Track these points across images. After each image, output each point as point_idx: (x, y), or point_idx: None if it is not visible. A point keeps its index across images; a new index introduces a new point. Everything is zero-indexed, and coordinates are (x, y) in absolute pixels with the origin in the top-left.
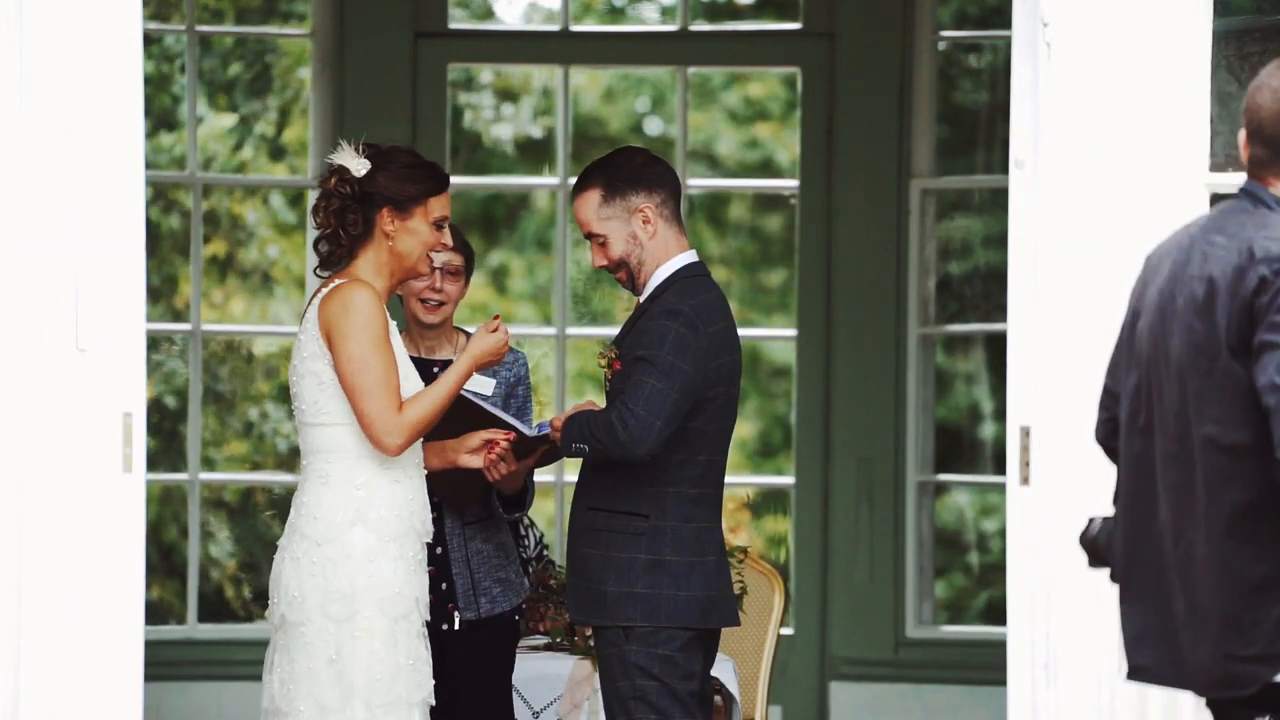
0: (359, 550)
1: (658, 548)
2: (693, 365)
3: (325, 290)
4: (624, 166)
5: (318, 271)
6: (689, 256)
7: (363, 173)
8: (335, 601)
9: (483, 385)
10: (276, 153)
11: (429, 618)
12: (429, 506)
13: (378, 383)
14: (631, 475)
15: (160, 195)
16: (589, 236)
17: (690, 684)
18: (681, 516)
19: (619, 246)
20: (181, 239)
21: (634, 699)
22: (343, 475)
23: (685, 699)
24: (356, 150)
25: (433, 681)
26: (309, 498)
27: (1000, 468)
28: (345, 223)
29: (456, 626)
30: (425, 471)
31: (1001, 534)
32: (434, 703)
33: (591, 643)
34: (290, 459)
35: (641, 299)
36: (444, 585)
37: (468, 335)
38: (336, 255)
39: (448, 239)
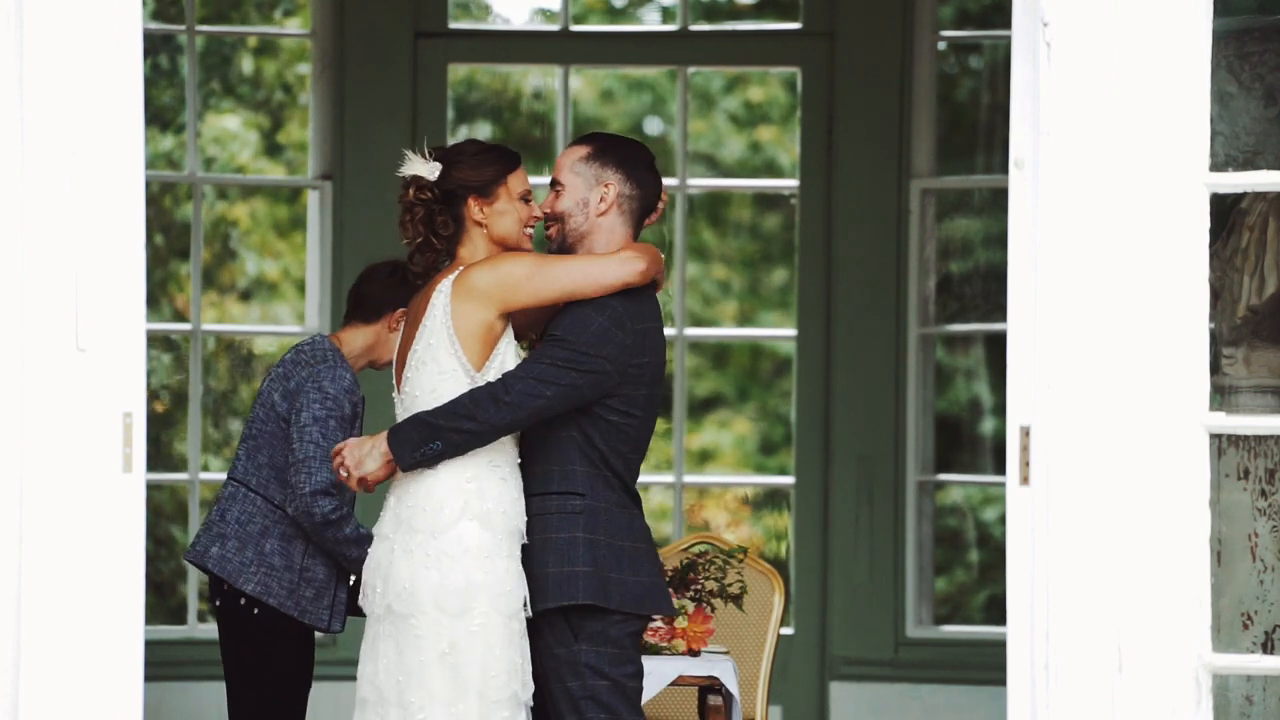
0: (475, 545)
1: (594, 527)
2: (611, 360)
3: (450, 278)
4: (621, 148)
5: (420, 282)
6: None
7: (436, 175)
8: (450, 595)
9: None
10: (273, 150)
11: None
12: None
13: (569, 262)
14: (565, 458)
15: (150, 203)
16: (553, 184)
17: (636, 681)
18: (615, 502)
19: (568, 202)
20: (163, 250)
21: (585, 699)
22: (450, 468)
23: (632, 696)
24: (423, 156)
25: (533, 684)
26: (417, 488)
27: (1000, 462)
28: (436, 227)
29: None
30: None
31: (1002, 520)
32: (532, 703)
33: None
34: None
35: None
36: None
37: None
38: (436, 260)
39: (538, 211)
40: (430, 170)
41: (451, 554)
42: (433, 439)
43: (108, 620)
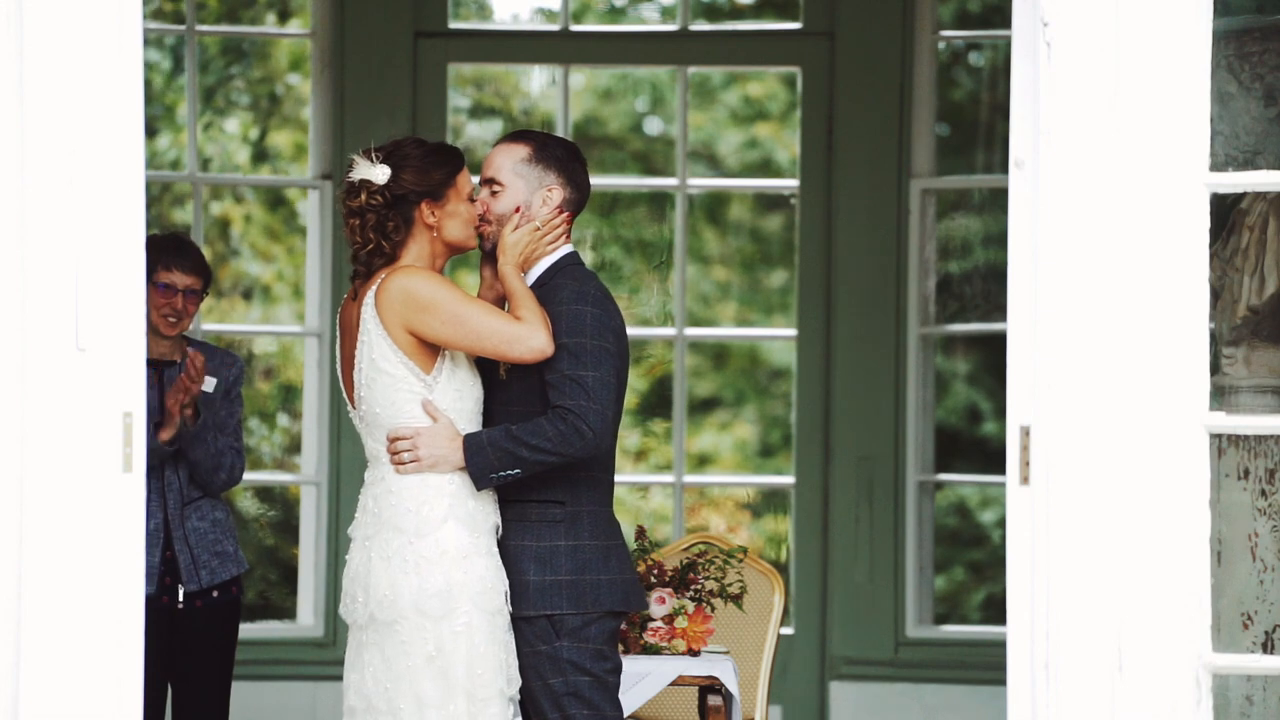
0: (453, 546)
1: (577, 533)
2: (614, 345)
3: (372, 290)
4: (559, 150)
5: (358, 284)
6: (569, 247)
7: (386, 179)
8: (431, 598)
9: (207, 384)
10: (260, 156)
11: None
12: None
13: (484, 319)
14: None
15: (151, 203)
16: (487, 181)
17: (616, 677)
18: (595, 501)
19: (509, 204)
20: None
21: (568, 695)
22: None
23: (613, 691)
24: (369, 158)
25: (519, 678)
26: (400, 488)
27: (999, 464)
28: (388, 232)
29: (181, 599)
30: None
31: (1001, 524)
32: (519, 698)
33: None
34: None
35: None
36: (167, 579)
37: (190, 343)
38: (380, 264)
39: (480, 207)
40: (380, 174)
41: (429, 557)
42: (514, 466)
43: (108, 619)
